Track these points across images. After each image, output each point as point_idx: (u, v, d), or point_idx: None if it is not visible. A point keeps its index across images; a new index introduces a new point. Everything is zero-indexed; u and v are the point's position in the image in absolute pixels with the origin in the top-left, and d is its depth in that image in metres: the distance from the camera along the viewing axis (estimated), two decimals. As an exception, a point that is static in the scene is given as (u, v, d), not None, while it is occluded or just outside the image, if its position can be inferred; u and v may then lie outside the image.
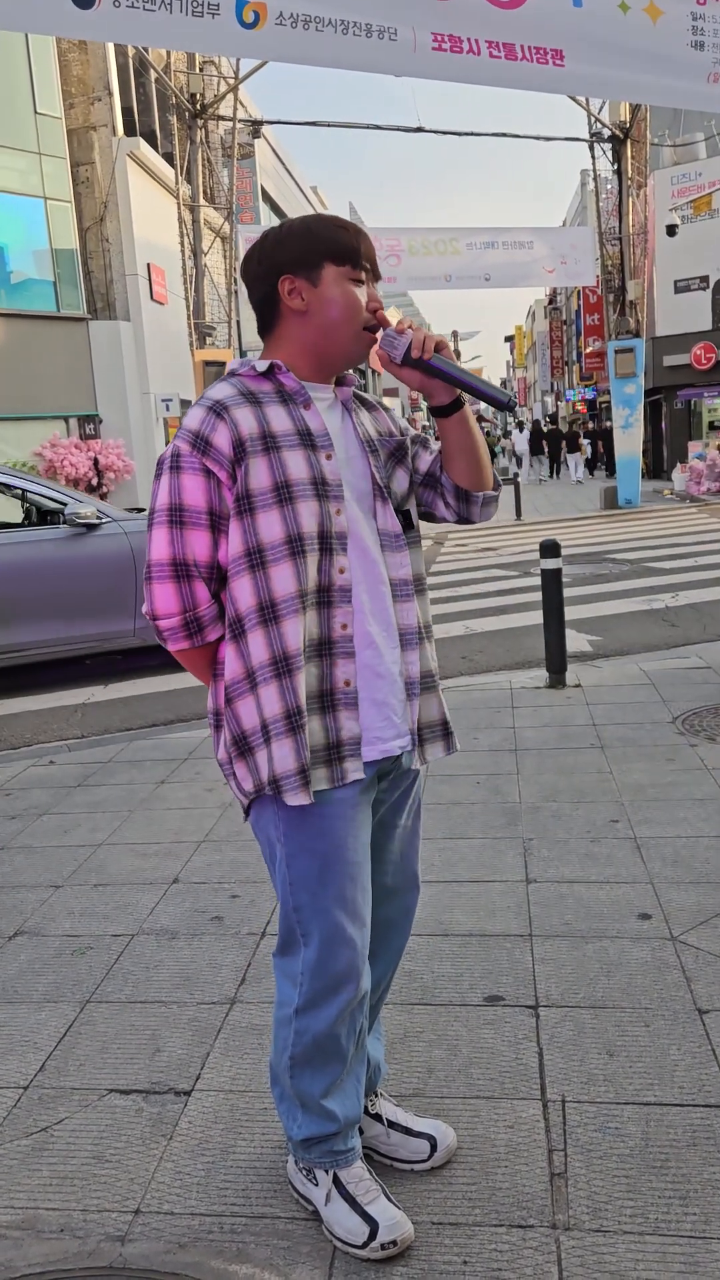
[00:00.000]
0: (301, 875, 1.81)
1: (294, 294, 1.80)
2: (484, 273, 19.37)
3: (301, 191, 42.14)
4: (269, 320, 1.86)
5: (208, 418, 1.75)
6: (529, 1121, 2.12)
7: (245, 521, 1.75)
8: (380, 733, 1.84)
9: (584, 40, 4.09)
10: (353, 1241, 1.82)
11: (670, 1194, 1.90)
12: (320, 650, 1.79)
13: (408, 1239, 1.82)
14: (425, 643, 1.93)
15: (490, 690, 5.89)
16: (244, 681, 1.79)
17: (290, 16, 3.80)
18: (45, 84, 19.73)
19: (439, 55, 3.94)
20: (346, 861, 1.81)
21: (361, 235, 1.83)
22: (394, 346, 1.83)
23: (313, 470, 1.77)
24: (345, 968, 1.82)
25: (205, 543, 1.77)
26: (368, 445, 1.88)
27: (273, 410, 1.79)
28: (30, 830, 4.13)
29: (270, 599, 1.75)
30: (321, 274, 1.80)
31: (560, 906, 3.08)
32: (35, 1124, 2.23)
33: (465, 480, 1.94)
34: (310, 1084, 1.87)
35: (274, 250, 1.82)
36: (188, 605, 1.79)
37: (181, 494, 1.76)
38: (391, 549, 1.88)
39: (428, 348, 1.81)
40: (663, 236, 23.34)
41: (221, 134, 20.98)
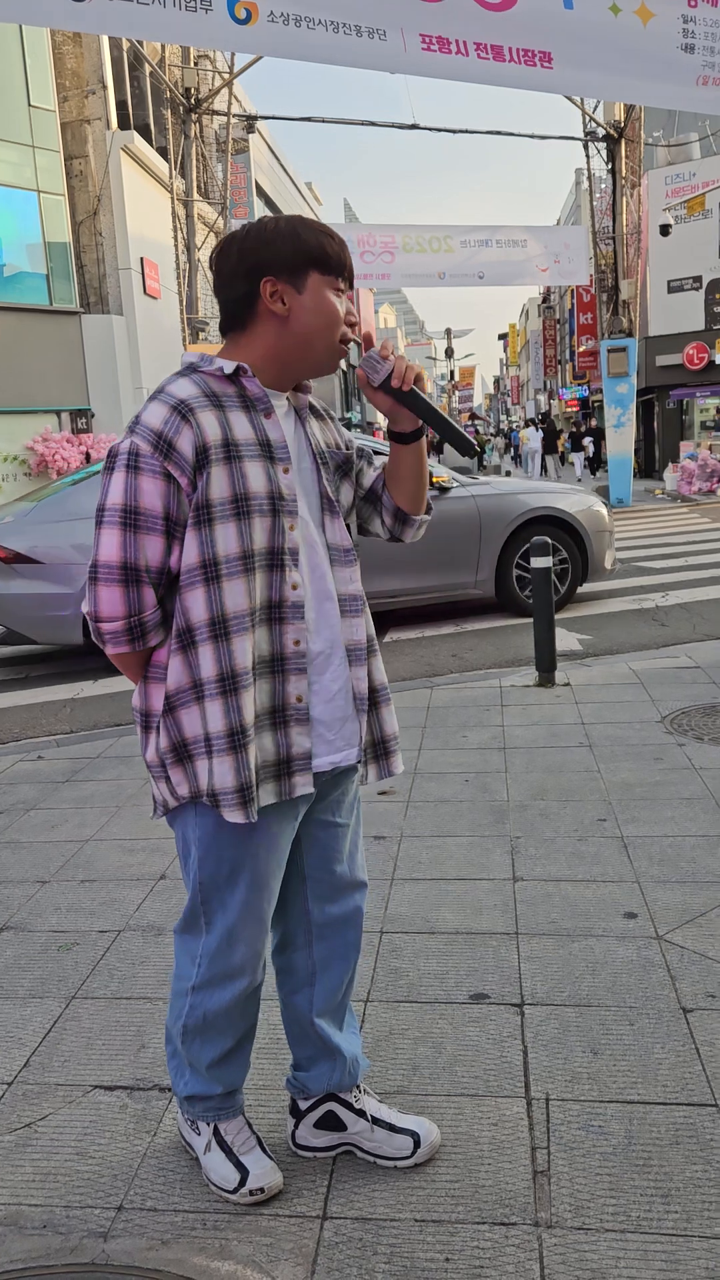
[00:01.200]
0: (210, 877, 1.85)
1: (276, 297, 1.76)
2: (478, 271, 19.37)
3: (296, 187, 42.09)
4: (241, 319, 1.81)
5: (172, 418, 1.70)
6: (513, 1119, 2.13)
7: (202, 532, 1.71)
8: (326, 747, 1.86)
9: (574, 42, 4.10)
10: (225, 1187, 1.95)
11: (652, 1192, 1.91)
12: (273, 666, 1.79)
13: (275, 1187, 1.95)
14: (376, 656, 1.95)
15: (479, 689, 5.90)
16: (189, 692, 1.77)
17: (281, 15, 3.80)
18: (39, 77, 19.68)
19: (428, 55, 3.94)
20: (256, 872, 1.84)
21: (345, 245, 1.82)
22: (375, 370, 1.83)
23: (270, 484, 1.75)
24: (241, 963, 1.89)
25: (159, 548, 1.72)
26: (319, 457, 1.86)
27: (235, 416, 1.75)
28: (17, 825, 4.12)
29: (222, 614, 1.73)
30: (306, 280, 1.77)
31: (546, 905, 3.09)
32: (19, 1120, 2.23)
33: (407, 504, 1.98)
34: (199, 1053, 1.95)
35: (258, 248, 1.76)
36: (133, 610, 1.74)
37: (139, 496, 1.70)
38: (341, 563, 1.87)
39: (408, 379, 1.82)
40: (656, 236, 23.37)
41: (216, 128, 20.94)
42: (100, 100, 21.22)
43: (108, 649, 1.80)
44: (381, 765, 1.95)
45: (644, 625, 7.95)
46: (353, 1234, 1.85)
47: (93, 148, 21.25)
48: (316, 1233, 1.86)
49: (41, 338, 19.98)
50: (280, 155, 38.14)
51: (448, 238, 19.35)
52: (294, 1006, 2.05)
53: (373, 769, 1.94)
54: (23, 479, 19.56)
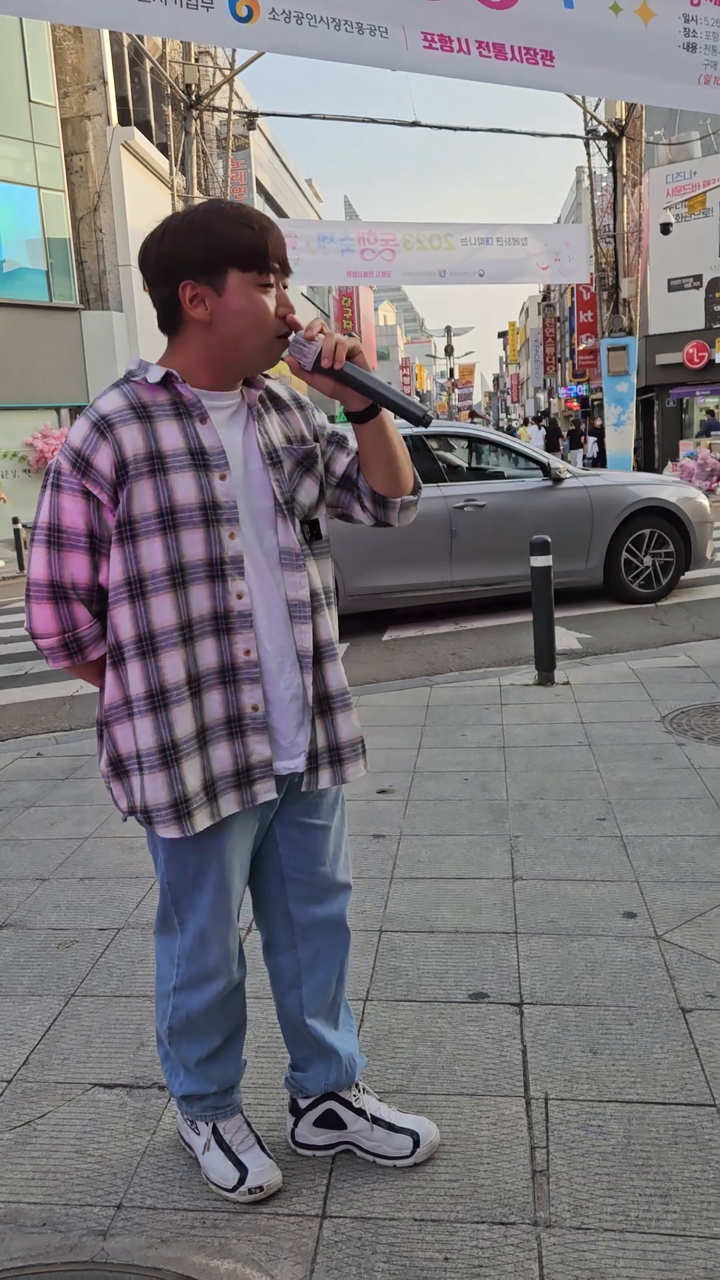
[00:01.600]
0: (177, 878, 1.86)
1: (196, 302, 1.69)
2: (478, 269, 19.33)
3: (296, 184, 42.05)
4: (171, 323, 1.75)
5: (90, 435, 1.67)
6: (512, 1119, 2.13)
7: (126, 549, 1.69)
8: (282, 754, 1.85)
9: (575, 40, 4.09)
10: (224, 1185, 1.95)
11: (651, 1192, 1.91)
12: (224, 677, 1.76)
13: (274, 1186, 1.95)
14: (334, 660, 1.88)
15: (479, 687, 5.90)
16: (121, 708, 1.77)
17: (283, 12, 3.79)
18: (40, 72, 19.65)
19: (429, 53, 3.94)
20: (221, 874, 1.85)
21: (269, 231, 1.70)
22: (303, 354, 1.72)
23: (203, 494, 1.70)
24: (216, 964, 1.90)
25: (84, 565, 1.71)
26: (269, 458, 1.79)
27: (164, 426, 1.70)
28: (17, 823, 4.12)
29: (149, 631, 1.71)
30: (226, 281, 1.67)
31: (546, 904, 3.09)
32: (18, 1118, 2.23)
33: (382, 486, 1.88)
34: (187, 1052, 1.96)
35: (173, 249, 1.68)
36: (66, 626, 1.75)
37: (60, 515, 1.69)
38: (290, 568, 1.80)
39: (339, 356, 1.70)
40: (657, 235, 23.34)
41: (217, 125, 20.92)
42: (101, 96, 21.19)
43: (50, 664, 1.82)
44: (335, 771, 1.89)
45: (643, 624, 7.95)
46: (352, 1233, 1.85)
47: (93, 144, 21.22)
48: (316, 1231, 1.86)
49: (41, 334, 19.96)
50: (281, 152, 38.11)
51: (448, 235, 19.33)
52: (285, 1007, 2.04)
53: (325, 774, 1.88)
54: (22, 475, 19.56)
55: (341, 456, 1.91)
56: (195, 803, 1.76)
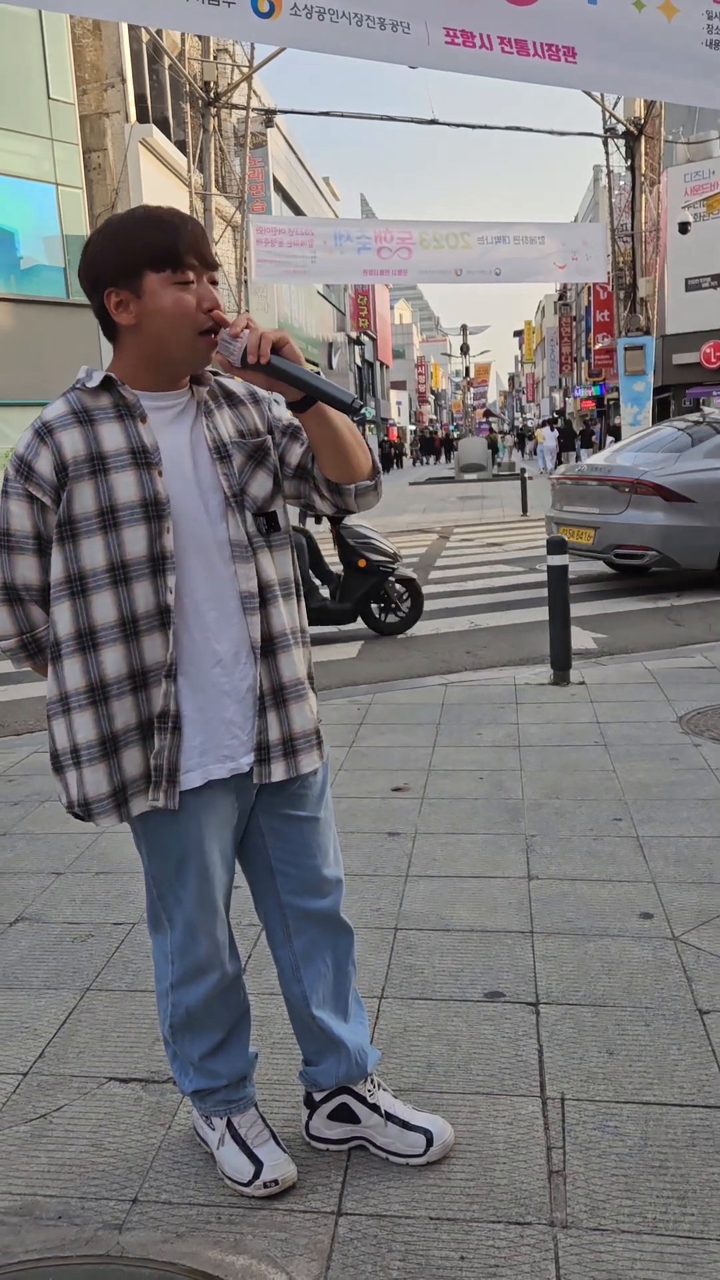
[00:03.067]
0: (160, 871, 1.89)
1: (121, 308, 1.73)
2: (494, 267, 19.29)
3: (313, 181, 42.04)
4: (109, 331, 1.80)
5: (33, 442, 1.74)
6: (528, 1118, 2.12)
7: (66, 547, 1.74)
8: (230, 750, 1.85)
9: (598, 37, 4.07)
10: (239, 1180, 1.96)
11: (668, 1194, 1.90)
12: (168, 670, 1.78)
13: (289, 1180, 1.96)
14: (289, 650, 1.88)
15: (494, 686, 5.88)
16: (58, 703, 1.80)
17: (305, 7, 3.78)
18: (59, 69, 19.68)
19: (452, 49, 3.92)
20: (202, 863, 1.87)
21: (180, 230, 1.71)
22: (230, 351, 1.73)
23: (144, 491, 1.74)
24: (206, 957, 1.92)
25: (33, 567, 1.78)
26: (218, 451, 1.82)
27: (106, 428, 1.75)
28: (32, 817, 4.13)
29: (90, 626, 1.75)
30: (143, 284, 1.71)
31: (562, 904, 3.08)
32: (34, 1110, 2.24)
33: (334, 473, 1.87)
34: (191, 1048, 1.98)
35: (95, 260, 1.74)
36: (24, 628, 1.84)
37: (8, 519, 1.77)
38: (241, 559, 1.82)
39: (264, 350, 1.70)
40: (674, 234, 23.25)
41: (234, 122, 20.94)
42: (119, 93, 21.22)
43: (14, 664, 1.91)
44: (290, 762, 1.89)
45: (659, 625, 7.91)
46: (367, 1230, 1.85)
47: (111, 141, 21.25)
48: (331, 1229, 1.86)
49: (58, 330, 20.01)
50: (298, 149, 38.11)
51: (465, 234, 19.29)
52: (292, 1000, 2.05)
53: (279, 766, 1.88)
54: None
55: (295, 447, 1.91)
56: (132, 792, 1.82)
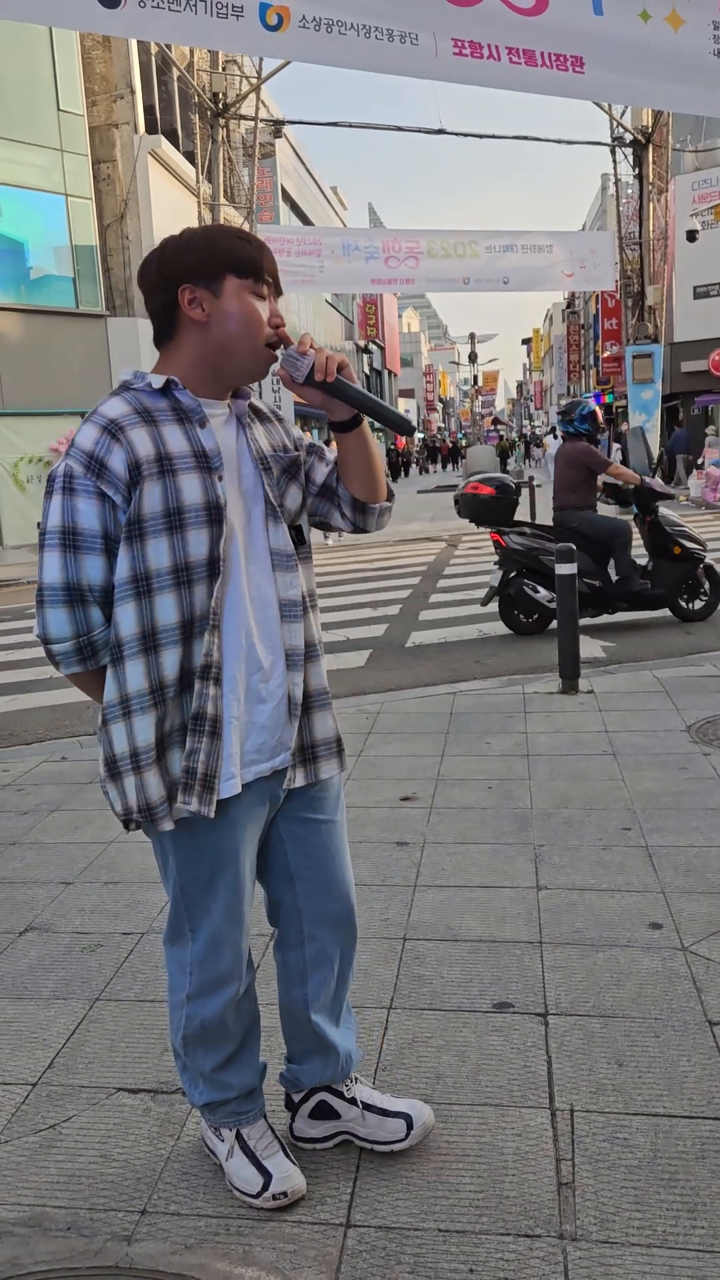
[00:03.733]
0: (191, 882, 1.88)
1: (194, 304, 1.78)
2: (502, 276, 19.33)
3: (321, 191, 42.18)
4: (166, 330, 1.83)
5: (102, 438, 1.73)
6: (537, 1130, 2.12)
7: (134, 547, 1.74)
8: (258, 755, 1.87)
9: (604, 47, 4.08)
10: (248, 1191, 1.95)
11: (679, 1207, 1.89)
12: (206, 674, 1.79)
13: (298, 1192, 1.95)
14: (316, 661, 1.93)
15: (503, 695, 5.88)
16: (118, 706, 1.79)
17: (313, 20, 3.80)
18: (68, 81, 19.79)
19: (460, 60, 3.93)
20: (234, 876, 1.87)
21: (264, 249, 1.81)
22: (296, 367, 1.80)
23: (207, 495, 1.76)
24: (228, 968, 1.92)
25: (100, 567, 1.76)
26: (261, 463, 1.86)
27: (169, 430, 1.77)
28: (42, 826, 4.14)
29: (153, 628, 1.75)
30: (223, 285, 1.77)
31: (571, 914, 3.08)
32: (43, 1121, 2.24)
33: (362, 493, 1.95)
34: (203, 1060, 1.97)
35: (174, 259, 1.79)
36: (81, 630, 1.78)
37: (76, 517, 1.73)
38: (283, 569, 1.87)
39: (330, 370, 1.79)
40: (683, 242, 23.26)
41: (243, 133, 21.03)
42: (128, 105, 21.32)
43: (61, 670, 1.84)
44: (309, 769, 1.93)
45: (668, 633, 7.90)
46: (376, 1243, 1.84)
47: (120, 152, 21.35)
48: (340, 1241, 1.85)
49: (67, 340, 20.08)
50: (306, 160, 38.24)
51: (472, 243, 19.34)
52: (291, 1001, 2.06)
53: (300, 772, 1.92)
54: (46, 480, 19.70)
55: (321, 466, 1.97)
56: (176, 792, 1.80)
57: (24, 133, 19.03)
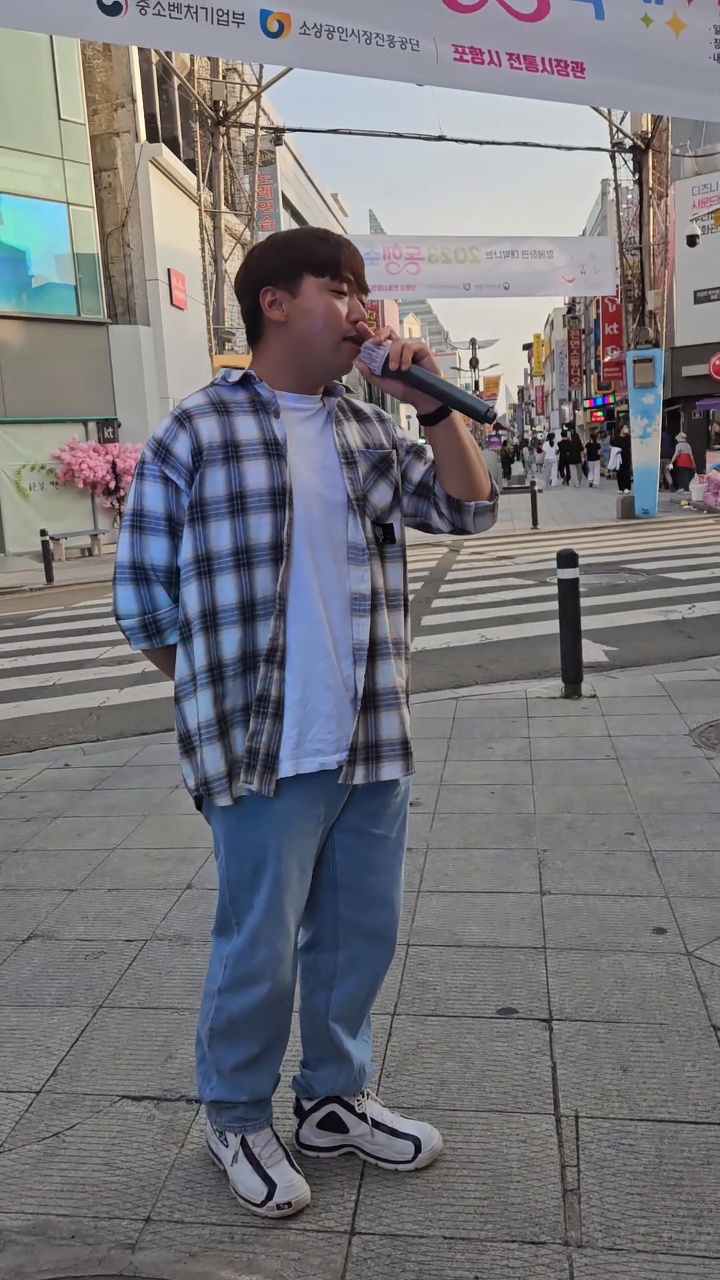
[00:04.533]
0: (236, 874, 1.89)
1: (274, 305, 1.84)
2: (503, 282, 19.35)
3: (322, 198, 42.26)
4: (254, 332, 1.90)
5: (172, 426, 1.82)
6: (542, 1136, 2.11)
7: (197, 529, 1.80)
8: (321, 745, 1.85)
9: (606, 52, 4.09)
10: (252, 1200, 1.94)
11: (684, 1213, 1.88)
12: (271, 657, 1.81)
13: (302, 1201, 1.94)
14: (388, 659, 1.90)
15: (505, 699, 5.87)
16: (189, 683, 1.86)
17: (314, 27, 3.81)
18: (69, 90, 19.85)
19: (460, 65, 3.94)
20: (278, 872, 1.86)
21: (343, 246, 1.84)
22: (372, 359, 1.83)
23: (273, 480, 1.80)
24: (260, 967, 1.89)
25: (163, 548, 1.84)
26: (345, 457, 1.88)
27: (241, 419, 1.83)
28: (45, 833, 4.13)
29: (213, 606, 1.81)
30: (301, 285, 1.82)
31: (575, 919, 3.07)
32: (47, 1129, 2.23)
33: (456, 490, 1.93)
34: (223, 1056, 1.96)
35: (256, 264, 1.86)
36: (147, 608, 1.88)
37: (144, 499, 1.83)
38: (354, 562, 1.87)
39: (405, 358, 1.81)
40: (683, 247, 23.29)
41: (243, 141, 21.08)
42: (129, 113, 21.38)
43: (131, 645, 1.94)
44: (370, 768, 1.89)
45: (671, 637, 7.90)
46: (381, 1250, 1.84)
47: (121, 160, 21.41)
48: (344, 1248, 1.85)
49: (69, 348, 20.12)
50: (306, 167, 38.32)
51: (473, 249, 19.37)
52: (312, 1004, 2.05)
53: (360, 769, 1.88)
54: (49, 487, 19.70)
55: (419, 465, 1.99)
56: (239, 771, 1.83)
57: (26, 141, 19.08)
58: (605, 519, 20.64)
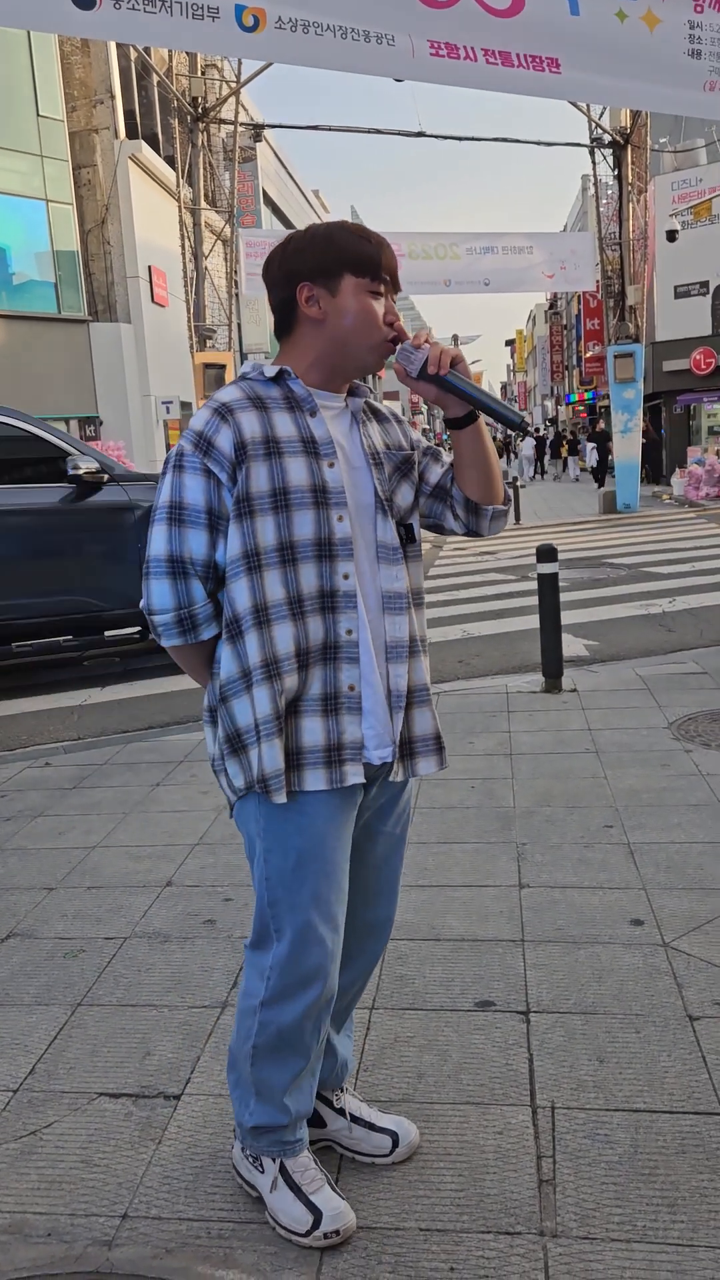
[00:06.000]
0: (278, 870, 1.83)
1: (311, 302, 1.82)
2: (483, 277, 19.39)
3: (303, 195, 42.19)
4: (286, 324, 1.87)
5: (212, 419, 1.78)
6: (518, 1128, 2.12)
7: (244, 524, 1.77)
8: (374, 742, 1.86)
9: (581, 47, 4.10)
10: (296, 1230, 1.85)
11: (658, 1201, 1.89)
12: (325, 654, 1.81)
13: (350, 1229, 1.85)
14: (417, 656, 1.93)
15: (486, 694, 5.89)
16: (240, 680, 1.81)
17: (289, 21, 3.81)
18: (47, 86, 19.77)
19: (436, 61, 3.94)
20: (324, 860, 1.82)
21: (384, 247, 1.84)
22: (410, 361, 1.84)
23: (313, 478, 1.79)
24: (314, 966, 1.84)
25: (203, 541, 1.79)
26: (373, 458, 1.89)
27: (278, 416, 1.81)
28: (25, 832, 4.12)
29: (264, 602, 1.78)
30: (340, 284, 1.80)
31: (553, 912, 3.08)
32: (24, 1127, 2.23)
33: (476, 493, 1.95)
34: (271, 1074, 1.88)
35: (295, 256, 1.83)
36: (183, 602, 1.82)
37: (183, 492, 1.79)
38: (387, 561, 1.88)
39: (444, 363, 1.82)
40: (663, 242, 23.35)
41: (223, 137, 21.02)
42: (108, 110, 21.31)
43: (162, 641, 1.86)
44: (408, 764, 1.93)
45: (651, 631, 7.93)
46: (357, 1243, 1.84)
47: (101, 157, 21.33)
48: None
49: (50, 346, 20.05)
50: (287, 163, 38.25)
51: (453, 245, 19.39)
52: None
53: (400, 766, 1.92)
54: (31, 486, 19.64)
55: (436, 467, 2.00)
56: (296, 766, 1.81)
57: (4, 138, 18.99)
58: (587, 514, 20.71)
